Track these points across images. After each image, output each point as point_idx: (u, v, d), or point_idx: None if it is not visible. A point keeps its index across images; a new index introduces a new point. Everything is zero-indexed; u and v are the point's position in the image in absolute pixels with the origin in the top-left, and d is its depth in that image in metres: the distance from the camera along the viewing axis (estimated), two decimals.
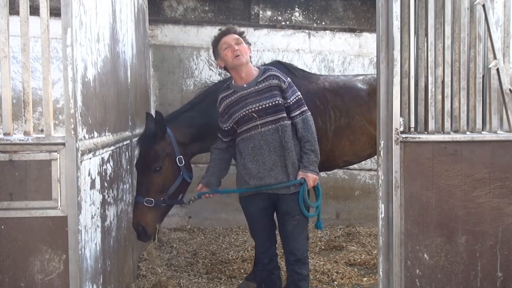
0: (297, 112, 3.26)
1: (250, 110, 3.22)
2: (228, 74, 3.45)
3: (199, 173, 4.19)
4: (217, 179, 3.48)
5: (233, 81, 3.36)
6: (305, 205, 3.24)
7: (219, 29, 3.39)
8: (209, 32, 6.10)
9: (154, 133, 3.66)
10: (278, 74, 3.28)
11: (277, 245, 3.49)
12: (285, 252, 3.35)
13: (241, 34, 3.32)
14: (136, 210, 3.64)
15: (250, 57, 3.31)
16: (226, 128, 3.37)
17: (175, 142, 3.66)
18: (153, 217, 3.63)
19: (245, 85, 3.27)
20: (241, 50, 3.22)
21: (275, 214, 3.42)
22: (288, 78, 3.32)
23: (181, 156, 3.67)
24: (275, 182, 3.21)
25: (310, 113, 3.32)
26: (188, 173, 3.72)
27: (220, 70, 6.07)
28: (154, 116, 3.71)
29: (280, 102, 3.22)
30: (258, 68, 3.38)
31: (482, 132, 3.09)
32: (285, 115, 3.23)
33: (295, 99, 3.27)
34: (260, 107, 3.21)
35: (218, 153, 3.49)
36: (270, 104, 3.20)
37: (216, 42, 3.33)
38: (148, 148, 3.66)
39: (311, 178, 3.23)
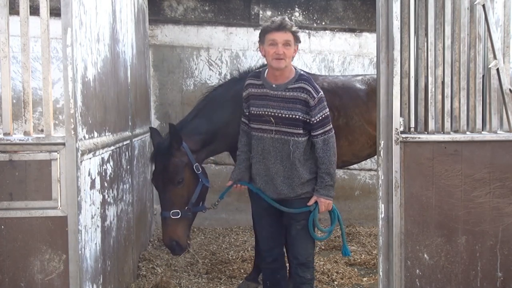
0: (320, 132, 3.12)
1: (269, 113, 3.15)
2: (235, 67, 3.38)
3: None
4: (248, 174, 3.42)
5: (266, 72, 3.23)
6: (315, 229, 3.22)
7: (272, 20, 3.09)
8: (209, 32, 6.11)
9: (168, 147, 3.58)
10: (310, 89, 3.10)
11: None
12: (289, 255, 3.35)
13: (295, 32, 3.05)
14: (165, 226, 3.57)
15: (293, 57, 3.12)
16: (247, 113, 3.35)
17: (190, 151, 3.60)
18: (183, 229, 3.58)
19: (274, 85, 3.15)
20: (286, 54, 3.02)
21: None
22: (320, 93, 3.14)
23: (198, 164, 3.62)
24: (274, 191, 3.21)
25: (333, 132, 3.18)
26: (206, 179, 3.68)
27: (220, 70, 6.11)
28: (166, 128, 3.59)
29: (299, 117, 3.09)
30: (295, 69, 3.21)
31: (482, 132, 3.09)
32: (301, 131, 3.12)
33: (320, 118, 3.11)
34: (279, 114, 3.13)
35: (246, 142, 3.41)
36: (289, 116, 3.11)
37: (266, 31, 3.07)
38: (166, 162, 3.56)
39: (324, 203, 3.15)
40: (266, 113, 3.16)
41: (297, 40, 3.09)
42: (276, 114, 3.14)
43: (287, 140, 3.14)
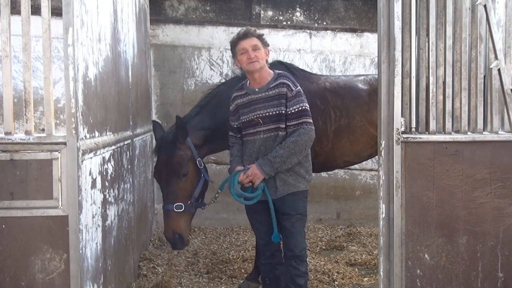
0: (293, 123, 3.21)
1: (257, 116, 3.27)
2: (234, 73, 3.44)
3: None
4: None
5: (247, 82, 3.40)
6: (237, 192, 3.21)
7: (239, 32, 3.34)
8: (210, 32, 6.10)
9: (173, 140, 3.60)
10: (289, 83, 3.25)
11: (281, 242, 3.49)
12: (284, 249, 3.38)
13: (260, 36, 3.29)
14: (167, 219, 3.55)
15: (267, 60, 3.32)
16: (236, 126, 3.43)
17: (193, 146, 3.64)
18: (186, 222, 3.59)
19: (257, 89, 3.30)
20: (257, 56, 3.22)
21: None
22: (298, 87, 3.27)
23: (200, 159, 3.66)
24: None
25: (310, 127, 3.22)
26: (207, 175, 3.70)
27: (221, 70, 6.11)
28: (166, 128, 3.59)
29: (283, 112, 3.22)
30: (273, 71, 3.37)
31: (483, 133, 3.09)
32: (284, 125, 3.23)
33: (296, 110, 3.20)
34: (266, 114, 3.25)
35: (239, 149, 3.46)
36: (275, 112, 3.23)
37: (234, 44, 3.33)
38: (170, 155, 3.58)
39: (254, 169, 3.18)
40: (255, 116, 3.28)
41: (264, 43, 3.31)
42: (263, 114, 3.26)
43: (275, 136, 3.25)
